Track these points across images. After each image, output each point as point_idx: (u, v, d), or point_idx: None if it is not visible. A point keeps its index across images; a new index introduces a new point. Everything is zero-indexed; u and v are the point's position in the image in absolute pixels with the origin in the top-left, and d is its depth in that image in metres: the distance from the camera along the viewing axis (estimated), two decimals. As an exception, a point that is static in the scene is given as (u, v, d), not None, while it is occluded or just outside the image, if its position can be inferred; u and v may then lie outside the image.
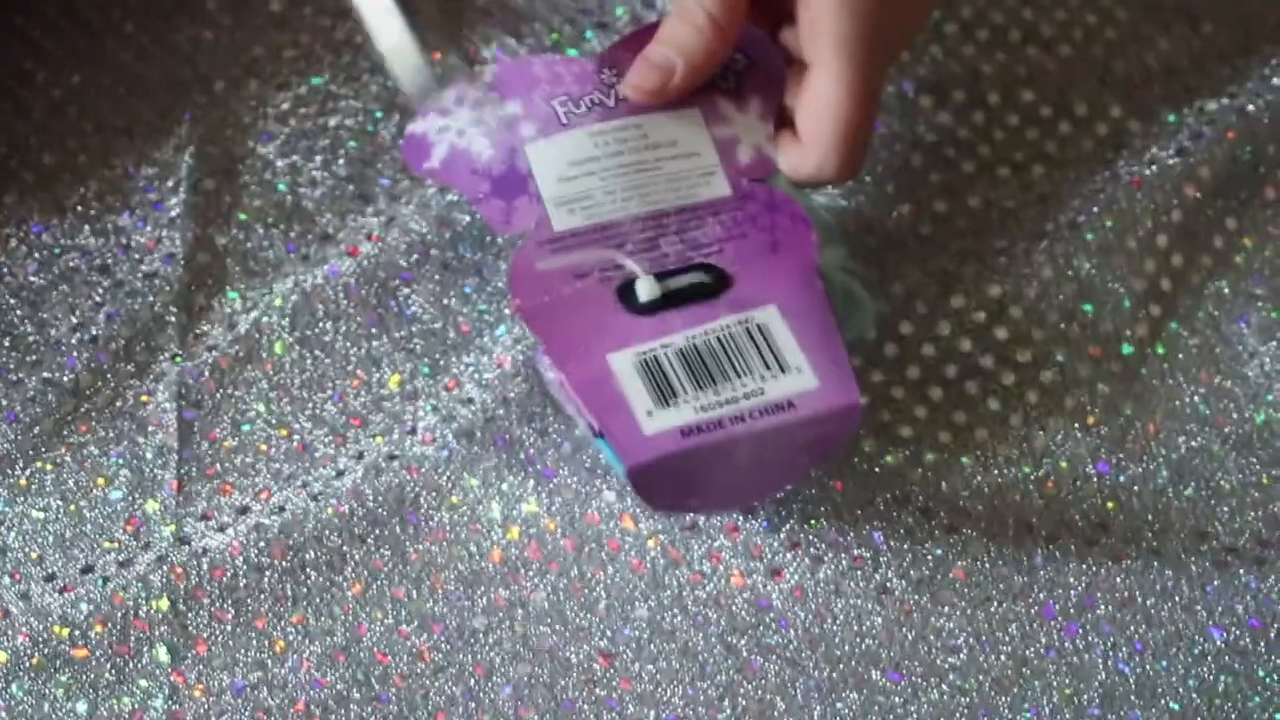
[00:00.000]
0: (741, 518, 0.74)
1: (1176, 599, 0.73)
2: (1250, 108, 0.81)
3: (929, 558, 0.73)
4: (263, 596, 0.73)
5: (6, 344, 0.77)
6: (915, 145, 0.81)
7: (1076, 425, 0.76)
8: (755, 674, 0.72)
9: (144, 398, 0.77)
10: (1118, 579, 0.73)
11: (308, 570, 0.73)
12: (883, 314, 0.77)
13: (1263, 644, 0.73)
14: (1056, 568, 0.73)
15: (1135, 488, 0.75)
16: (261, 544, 0.73)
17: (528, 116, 0.72)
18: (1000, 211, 0.80)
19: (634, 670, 0.72)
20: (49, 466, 0.76)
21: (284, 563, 0.73)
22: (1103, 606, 0.73)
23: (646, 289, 0.69)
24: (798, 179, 0.71)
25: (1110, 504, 0.75)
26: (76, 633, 0.72)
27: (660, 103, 0.72)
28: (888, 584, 0.73)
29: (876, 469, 0.75)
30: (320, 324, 0.78)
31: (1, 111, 0.82)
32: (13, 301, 0.78)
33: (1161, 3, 0.84)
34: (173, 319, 0.78)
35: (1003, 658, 0.72)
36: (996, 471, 0.75)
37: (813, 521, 0.74)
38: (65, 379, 0.77)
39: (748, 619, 0.73)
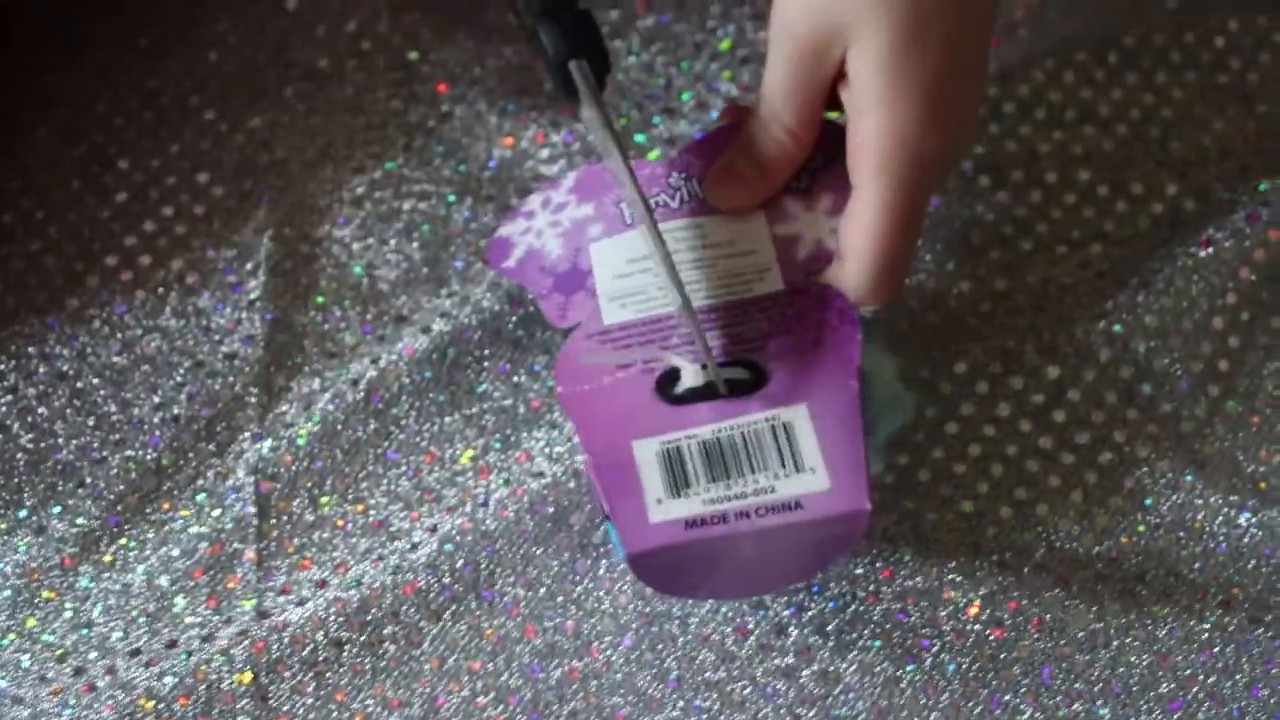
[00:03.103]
0: (808, 594, 0.75)
1: (1238, 678, 0.73)
2: (1306, 188, 0.82)
3: (991, 637, 0.74)
4: (342, 670, 0.74)
5: (91, 423, 0.79)
6: (974, 223, 0.82)
7: (1135, 504, 0.77)
8: (824, 747, 0.74)
9: (224, 474, 0.78)
10: (1182, 657, 0.74)
11: (386, 644, 0.75)
12: (921, 405, 0.78)
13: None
14: (1121, 645, 0.74)
15: (1197, 565, 0.76)
16: (340, 618, 0.75)
17: (598, 218, 0.74)
18: (1059, 289, 0.80)
19: (705, 743, 0.74)
20: (133, 543, 0.77)
21: (363, 636, 0.75)
22: (1164, 686, 0.73)
23: (689, 378, 0.69)
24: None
25: (1173, 579, 0.75)
26: (161, 705, 0.74)
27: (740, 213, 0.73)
28: (954, 661, 0.74)
29: (942, 544, 0.76)
30: (394, 401, 0.79)
31: (84, 196, 0.83)
32: (96, 382, 0.80)
33: (1217, 83, 0.85)
34: (253, 399, 0.79)
35: (1067, 734, 0.73)
36: (1059, 546, 0.76)
37: (879, 597, 0.75)
38: (148, 457, 0.79)
39: (816, 691, 0.74)
